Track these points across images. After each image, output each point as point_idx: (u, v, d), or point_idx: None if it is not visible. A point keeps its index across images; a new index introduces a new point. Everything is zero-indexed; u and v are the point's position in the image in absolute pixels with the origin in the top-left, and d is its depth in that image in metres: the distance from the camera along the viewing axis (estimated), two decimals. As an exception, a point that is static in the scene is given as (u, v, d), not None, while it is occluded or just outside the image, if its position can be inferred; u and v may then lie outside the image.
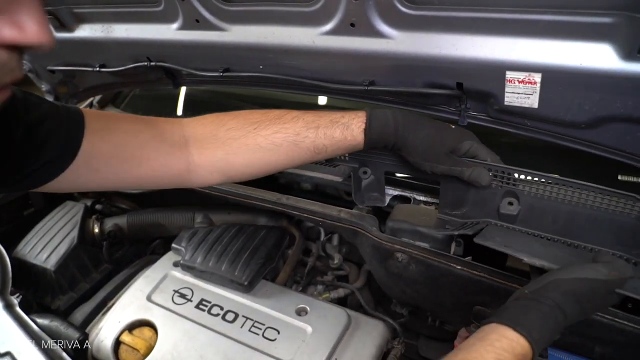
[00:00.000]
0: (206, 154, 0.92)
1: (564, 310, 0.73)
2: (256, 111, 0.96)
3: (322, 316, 1.27)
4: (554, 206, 1.01)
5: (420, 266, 1.11)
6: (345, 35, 1.00)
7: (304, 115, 0.94)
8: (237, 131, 0.93)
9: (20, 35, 0.40)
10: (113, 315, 1.32)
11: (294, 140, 0.93)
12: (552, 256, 0.93)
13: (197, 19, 1.14)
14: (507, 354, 0.67)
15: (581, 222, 0.99)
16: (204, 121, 0.96)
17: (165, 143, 0.89)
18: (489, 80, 0.91)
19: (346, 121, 0.94)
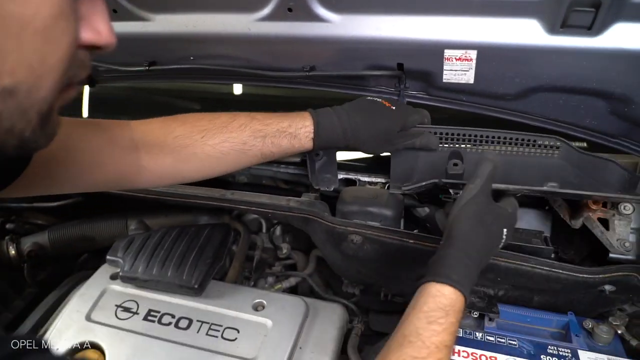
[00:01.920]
0: (155, 159, 0.91)
1: (470, 240, 0.77)
2: (204, 116, 0.95)
3: (280, 308, 1.26)
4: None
5: (375, 245, 1.14)
6: (282, 20, 0.98)
7: (251, 123, 0.95)
8: (185, 139, 0.92)
9: (97, 37, 0.47)
10: (49, 342, 1.19)
11: (242, 149, 0.95)
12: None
13: (114, 9, 1.04)
14: (435, 313, 0.70)
15: (517, 169, 1.08)
16: (152, 126, 0.93)
17: (117, 147, 0.87)
18: (428, 59, 0.95)
19: (293, 131, 0.96)
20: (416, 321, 0.69)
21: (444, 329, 0.68)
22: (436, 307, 0.70)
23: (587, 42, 0.82)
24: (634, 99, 0.87)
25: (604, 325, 1.03)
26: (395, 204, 1.18)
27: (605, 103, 0.92)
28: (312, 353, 1.16)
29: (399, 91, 1.07)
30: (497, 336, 1.03)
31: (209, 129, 0.93)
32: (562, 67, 0.87)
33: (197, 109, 1.76)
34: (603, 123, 0.97)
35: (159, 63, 1.12)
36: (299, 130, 0.96)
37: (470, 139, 1.07)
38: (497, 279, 1.09)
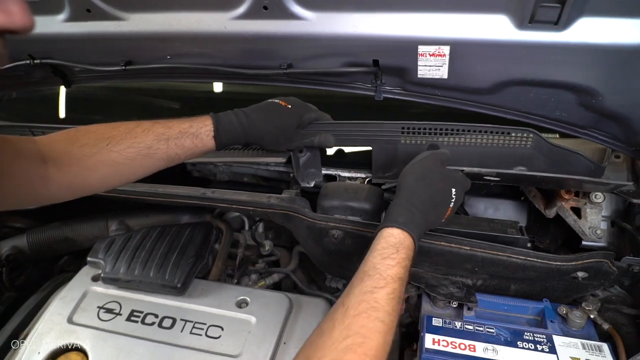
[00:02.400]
0: (62, 170, 0.92)
1: (415, 192, 0.89)
2: (108, 125, 0.98)
3: (263, 304, 1.27)
4: (469, 150, 1.14)
5: (355, 239, 1.16)
6: (258, 18, 0.98)
7: (153, 127, 0.98)
8: (91, 148, 0.94)
9: (9, 20, 0.44)
10: (30, 347, 1.18)
11: (147, 153, 0.97)
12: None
13: (88, 9, 1.03)
14: (387, 250, 0.81)
15: (492, 158, 1.13)
16: (57, 137, 0.95)
17: (25, 161, 0.87)
18: (403, 55, 0.96)
19: (194, 131, 1.00)
20: (372, 259, 0.80)
21: (396, 263, 0.78)
22: (387, 245, 0.81)
23: (554, 37, 0.84)
24: (600, 92, 0.90)
25: (577, 310, 1.07)
26: (375, 198, 1.20)
27: (574, 96, 0.95)
28: (297, 348, 1.17)
29: (376, 87, 1.08)
30: (475, 325, 1.06)
31: (113, 136, 0.95)
32: (532, 62, 0.90)
33: (177, 107, 1.75)
34: (572, 115, 1.00)
35: (136, 62, 1.11)
36: (199, 130, 1.00)
37: (448, 132, 1.10)
38: (475, 269, 1.12)
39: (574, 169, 1.04)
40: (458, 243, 1.09)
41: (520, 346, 1.00)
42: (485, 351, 0.99)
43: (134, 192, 1.29)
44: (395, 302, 0.75)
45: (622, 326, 1.09)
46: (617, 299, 1.12)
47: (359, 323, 0.70)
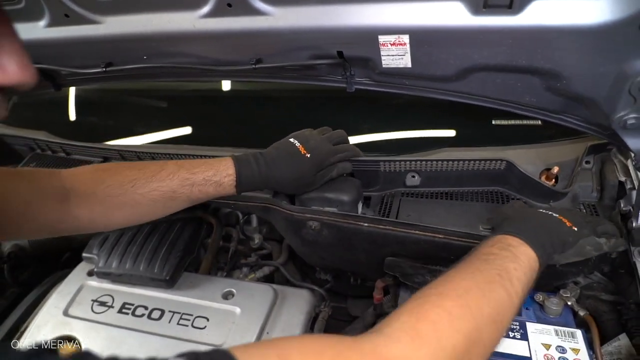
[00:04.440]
0: (86, 208, 0.98)
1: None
2: (132, 166, 1.04)
3: (248, 296, 1.29)
4: (445, 173, 1.23)
5: (332, 230, 1.18)
6: (224, 16, 1.00)
7: (178, 172, 1.03)
8: (116, 189, 0.99)
9: (4, 76, 0.44)
10: (28, 338, 1.25)
11: (171, 197, 1.03)
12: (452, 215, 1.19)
13: (66, 14, 1.07)
14: (526, 268, 0.79)
15: (467, 179, 1.22)
16: (83, 175, 1.00)
17: (48, 197, 0.92)
18: (365, 45, 0.97)
19: (218, 179, 1.05)
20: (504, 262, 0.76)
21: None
22: (528, 264, 0.79)
23: (509, 21, 0.83)
24: (563, 74, 0.89)
25: (554, 297, 1.06)
26: (352, 189, 1.21)
27: (539, 80, 0.93)
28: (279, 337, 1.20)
29: (346, 79, 1.10)
30: (449, 312, 1.05)
31: (138, 178, 0.99)
32: (490, 47, 0.89)
33: (177, 109, 1.79)
34: (542, 99, 0.99)
35: (115, 64, 1.16)
36: (223, 179, 1.05)
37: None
38: (452, 257, 1.12)
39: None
40: (432, 231, 1.09)
41: (493, 333, 0.99)
42: (456, 338, 0.99)
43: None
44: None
45: (602, 313, 1.08)
46: (597, 286, 1.10)
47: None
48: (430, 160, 1.22)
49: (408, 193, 1.28)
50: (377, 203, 1.28)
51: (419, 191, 1.28)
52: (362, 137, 1.42)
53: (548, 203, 1.18)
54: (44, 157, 1.50)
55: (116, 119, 1.75)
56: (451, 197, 1.25)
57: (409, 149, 1.26)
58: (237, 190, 1.08)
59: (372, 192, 1.31)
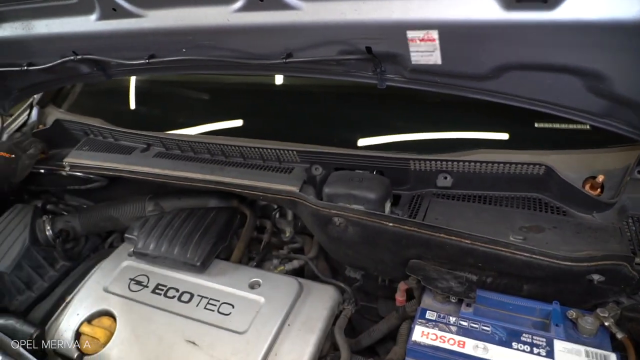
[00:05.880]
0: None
1: None
2: None
3: (274, 287, 1.32)
4: (480, 175, 1.17)
5: (357, 227, 1.16)
6: (255, 10, 1.02)
7: None
8: None
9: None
10: (72, 308, 1.35)
11: None
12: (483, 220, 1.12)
13: (114, 8, 1.14)
14: None
15: (502, 182, 1.16)
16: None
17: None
18: (393, 41, 0.95)
19: None
20: None
21: None
22: None
23: (544, 16, 0.77)
24: (605, 74, 0.82)
25: (589, 316, 0.98)
26: (380, 187, 1.19)
27: (579, 80, 0.86)
28: (300, 330, 1.21)
29: (377, 75, 1.08)
30: (470, 321, 1.01)
31: None
32: (525, 44, 0.83)
33: (208, 99, 1.83)
34: (583, 101, 0.91)
35: (157, 56, 1.21)
36: None
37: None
38: (479, 264, 1.07)
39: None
40: (458, 236, 1.05)
41: (515, 347, 0.94)
42: (474, 349, 0.95)
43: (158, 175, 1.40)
44: None
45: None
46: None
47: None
48: (464, 161, 1.17)
49: (439, 194, 1.24)
50: (406, 202, 1.25)
51: (450, 192, 1.23)
52: (394, 136, 1.39)
53: (591, 214, 1.10)
54: (96, 142, 1.61)
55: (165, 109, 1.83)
56: (484, 200, 1.19)
57: (441, 149, 1.21)
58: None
59: (402, 191, 1.27)
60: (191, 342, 1.21)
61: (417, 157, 1.18)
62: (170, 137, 1.44)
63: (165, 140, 1.46)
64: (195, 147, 1.43)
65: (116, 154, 1.53)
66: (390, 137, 1.40)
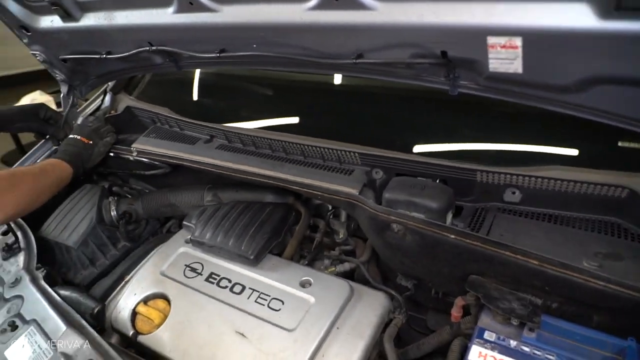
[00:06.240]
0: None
1: None
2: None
3: (325, 288, 1.31)
4: (552, 193, 1.10)
5: (416, 236, 1.13)
6: (330, 9, 1.01)
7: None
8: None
9: None
10: (130, 288, 1.41)
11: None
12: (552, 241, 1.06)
13: (190, 2, 1.16)
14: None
15: (577, 203, 1.09)
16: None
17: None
18: (471, 46, 0.90)
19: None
20: None
21: None
22: None
23: (649, 27, 0.71)
24: None
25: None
26: (442, 197, 1.14)
27: (683, 99, 0.79)
28: (348, 334, 1.20)
29: (450, 81, 1.04)
30: (533, 347, 0.95)
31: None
32: (621, 57, 0.77)
33: (272, 95, 1.85)
34: (684, 122, 0.83)
35: (228, 51, 1.23)
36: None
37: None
38: (545, 287, 1.01)
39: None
40: (525, 255, 0.99)
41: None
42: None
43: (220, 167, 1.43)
44: None
45: None
46: None
47: None
48: (536, 176, 1.10)
49: (504, 209, 1.18)
50: (469, 215, 1.20)
51: (517, 209, 1.16)
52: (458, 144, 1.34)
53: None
54: (162, 130, 1.67)
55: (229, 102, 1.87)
56: (555, 220, 1.12)
57: (511, 162, 1.15)
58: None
59: (465, 203, 1.22)
60: (240, 334, 1.23)
61: (485, 168, 1.12)
62: (233, 130, 1.47)
63: (228, 133, 1.49)
64: (257, 142, 1.45)
65: (181, 143, 1.58)
66: (454, 145, 1.35)
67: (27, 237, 1.44)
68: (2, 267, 1.39)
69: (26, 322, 1.21)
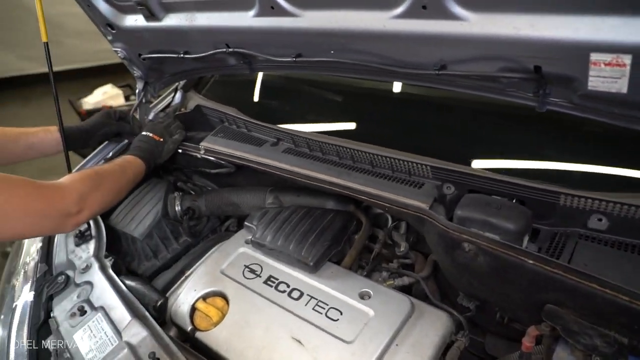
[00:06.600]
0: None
1: None
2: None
3: (385, 302, 1.27)
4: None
5: (489, 258, 1.07)
6: (416, 18, 0.98)
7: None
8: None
9: None
10: (190, 284, 1.43)
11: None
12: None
13: (272, 6, 1.17)
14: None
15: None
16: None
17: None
18: (571, 63, 0.85)
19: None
20: None
21: None
22: None
23: None
24: None
25: None
26: (520, 218, 1.08)
27: None
28: (407, 353, 1.16)
29: (539, 97, 0.98)
30: (617, 391, 0.88)
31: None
32: None
33: (341, 101, 1.84)
34: None
35: (304, 56, 1.23)
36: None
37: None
38: (634, 326, 0.93)
39: None
40: (614, 289, 0.91)
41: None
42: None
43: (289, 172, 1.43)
44: None
45: None
46: None
47: None
48: (628, 204, 1.02)
49: (587, 236, 1.10)
50: (546, 239, 1.13)
51: (603, 237, 1.08)
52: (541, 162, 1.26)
53: None
54: (229, 130, 1.70)
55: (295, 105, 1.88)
56: (647, 253, 1.03)
57: (600, 186, 1.07)
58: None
59: (542, 226, 1.15)
60: (297, 341, 1.22)
61: (571, 192, 1.05)
62: (301, 134, 1.46)
63: (295, 137, 1.49)
64: (324, 148, 1.44)
65: (248, 144, 1.59)
66: (532, 163, 1.28)
67: (99, 226, 1.50)
68: (75, 253, 1.45)
69: (94, 309, 1.26)
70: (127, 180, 1.41)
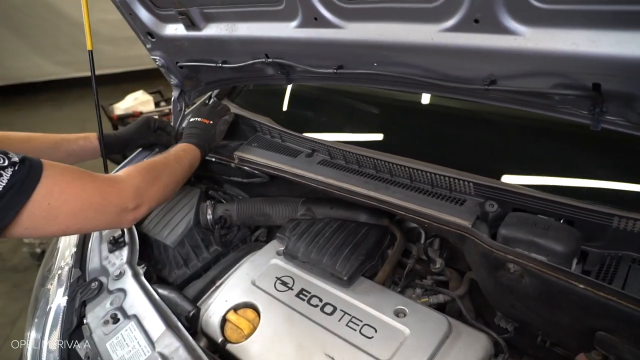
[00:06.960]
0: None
1: None
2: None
3: (421, 320, 1.24)
4: None
5: (535, 280, 1.03)
6: (467, 32, 0.96)
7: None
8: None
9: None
10: (221, 294, 1.42)
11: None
12: None
13: (315, 17, 1.16)
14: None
15: None
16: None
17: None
18: (632, 80, 0.81)
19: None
20: None
21: None
22: None
23: None
24: None
25: None
26: (570, 240, 1.04)
27: None
28: (445, 375, 1.12)
29: (594, 115, 0.94)
30: None
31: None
32: None
33: (377, 113, 1.82)
34: None
35: (346, 67, 1.22)
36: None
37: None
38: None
39: None
40: (674, 319, 0.87)
41: None
42: None
43: (322, 183, 1.41)
44: None
45: None
46: None
47: None
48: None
49: (641, 261, 1.05)
50: (596, 262, 1.09)
51: (659, 263, 1.03)
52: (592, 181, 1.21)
53: None
54: (263, 140, 1.69)
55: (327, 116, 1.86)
56: None
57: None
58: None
59: (591, 248, 1.11)
60: (330, 357, 1.19)
61: (626, 214, 1.01)
62: (337, 146, 1.45)
63: (331, 149, 1.47)
64: (361, 161, 1.41)
65: (282, 154, 1.58)
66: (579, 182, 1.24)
67: (132, 233, 1.50)
68: (108, 259, 1.46)
69: (127, 317, 1.25)
70: (183, 170, 1.36)
